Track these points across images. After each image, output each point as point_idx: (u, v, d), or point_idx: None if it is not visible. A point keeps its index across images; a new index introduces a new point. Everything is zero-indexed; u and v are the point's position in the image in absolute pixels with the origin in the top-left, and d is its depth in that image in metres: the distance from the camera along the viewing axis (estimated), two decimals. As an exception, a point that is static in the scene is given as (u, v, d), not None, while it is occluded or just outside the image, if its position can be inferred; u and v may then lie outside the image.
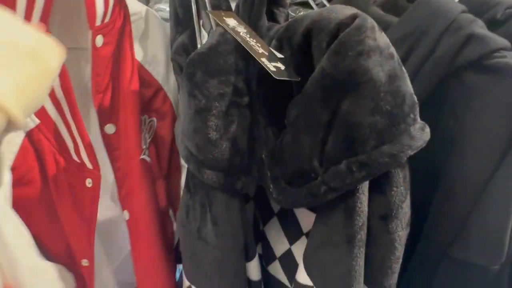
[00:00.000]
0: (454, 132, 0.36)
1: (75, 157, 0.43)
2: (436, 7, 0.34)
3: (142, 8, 0.48)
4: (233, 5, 0.46)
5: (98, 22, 0.40)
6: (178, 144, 0.36)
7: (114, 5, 0.41)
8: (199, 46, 0.38)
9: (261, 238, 0.51)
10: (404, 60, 0.36)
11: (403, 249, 0.33)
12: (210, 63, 0.32)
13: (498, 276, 0.37)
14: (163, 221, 0.51)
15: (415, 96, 0.30)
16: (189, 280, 0.44)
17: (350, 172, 0.29)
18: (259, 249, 0.52)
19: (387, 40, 0.30)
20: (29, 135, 0.39)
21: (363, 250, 0.32)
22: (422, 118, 0.32)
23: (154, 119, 0.49)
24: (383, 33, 0.30)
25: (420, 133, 0.28)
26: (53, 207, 0.44)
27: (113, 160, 0.47)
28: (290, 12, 0.63)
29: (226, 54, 0.33)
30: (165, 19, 0.71)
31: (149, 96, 0.49)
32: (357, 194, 0.31)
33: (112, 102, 0.45)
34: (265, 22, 0.40)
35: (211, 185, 0.34)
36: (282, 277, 0.49)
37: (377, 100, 0.28)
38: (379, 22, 0.38)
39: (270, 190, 0.35)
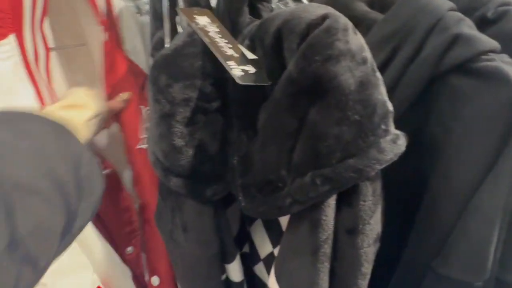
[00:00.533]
0: (439, 139, 0.33)
1: None
2: (423, 3, 0.31)
3: (117, 6, 0.47)
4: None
5: (103, 16, 0.40)
6: (148, 149, 0.35)
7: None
8: (166, 45, 0.37)
9: (248, 238, 0.50)
10: (389, 60, 0.34)
11: (370, 266, 0.31)
12: (174, 66, 0.31)
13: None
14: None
15: (389, 105, 0.27)
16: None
17: (314, 185, 0.27)
18: (246, 248, 0.51)
19: (362, 42, 0.28)
20: None
21: (327, 264, 0.31)
22: (405, 124, 0.30)
23: None
24: (358, 34, 0.28)
25: (391, 146, 0.26)
26: None
27: None
28: (280, 5, 0.61)
29: (192, 56, 0.31)
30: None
31: (141, 85, 0.49)
32: (322, 206, 0.29)
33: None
34: (245, 18, 0.38)
35: (179, 192, 0.33)
36: (267, 279, 0.49)
37: (345, 109, 0.26)
38: (363, 19, 0.35)
39: (240, 198, 0.33)
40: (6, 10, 0.37)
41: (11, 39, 0.38)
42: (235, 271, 0.45)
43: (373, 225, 0.30)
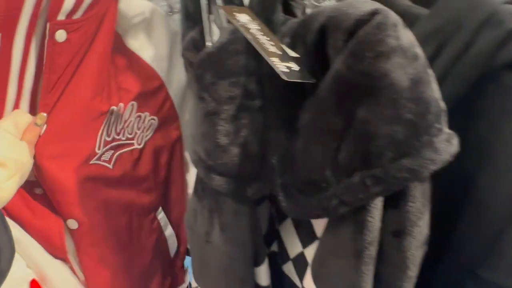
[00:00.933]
0: (488, 141, 0.32)
1: None
2: (470, -2, 0.30)
3: (147, 7, 0.47)
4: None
5: (61, 16, 0.38)
6: (187, 147, 0.35)
7: (91, 5, 0.39)
8: (207, 43, 0.37)
9: (277, 236, 0.50)
10: (434, 58, 0.32)
11: (417, 269, 0.30)
12: (219, 64, 0.31)
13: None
14: (142, 223, 0.50)
15: (442, 102, 0.27)
16: (196, 281, 0.44)
17: (363, 186, 0.26)
18: (275, 246, 0.51)
19: (412, 38, 0.27)
20: None
21: (372, 267, 0.30)
22: (451, 125, 0.29)
23: (156, 118, 0.48)
24: (408, 30, 0.27)
25: (445, 146, 0.25)
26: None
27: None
28: (313, 1, 0.60)
29: (236, 53, 0.31)
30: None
31: (152, 89, 0.49)
32: (369, 208, 0.28)
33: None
34: (279, 16, 0.37)
35: (220, 191, 0.33)
36: (296, 279, 0.48)
37: (397, 107, 0.25)
38: (405, 14, 0.34)
39: (280, 198, 0.33)
40: None
41: None
42: (263, 274, 0.45)
43: (422, 228, 0.29)
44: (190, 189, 0.51)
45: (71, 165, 0.43)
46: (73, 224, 0.45)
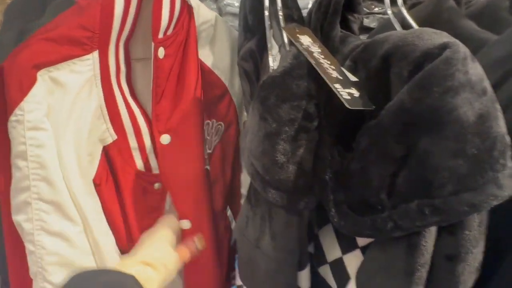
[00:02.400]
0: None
1: (140, 167, 0.48)
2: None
3: (212, 16, 0.49)
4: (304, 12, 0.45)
5: (160, 35, 0.42)
6: (244, 160, 0.37)
7: (178, 19, 0.43)
8: (270, 61, 0.38)
9: (314, 239, 0.52)
10: (500, 84, 0.33)
11: None
12: (283, 88, 0.32)
13: None
14: (219, 223, 0.54)
15: (507, 138, 0.27)
16: (242, 281, 0.47)
17: (421, 214, 0.28)
18: (311, 248, 0.53)
19: (481, 72, 0.27)
20: (106, 149, 0.45)
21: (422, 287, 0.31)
22: None
23: (222, 123, 0.51)
24: (476, 63, 0.28)
25: (509, 181, 0.26)
26: (124, 213, 0.49)
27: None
28: (365, 9, 0.60)
29: (299, 78, 0.32)
30: (234, 14, 0.71)
31: (217, 97, 0.51)
32: (424, 233, 0.30)
33: (173, 112, 0.47)
34: (338, 32, 0.38)
35: (274, 204, 0.36)
36: (332, 282, 0.50)
37: (463, 142, 0.26)
38: (472, 40, 0.34)
39: (332, 213, 0.35)
40: (94, 27, 0.41)
41: (94, 55, 0.42)
42: (305, 277, 0.47)
43: (476, 255, 0.30)
44: (244, 189, 0.53)
45: (194, 169, 0.48)
46: (186, 224, 0.49)
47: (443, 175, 0.27)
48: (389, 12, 0.42)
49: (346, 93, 0.31)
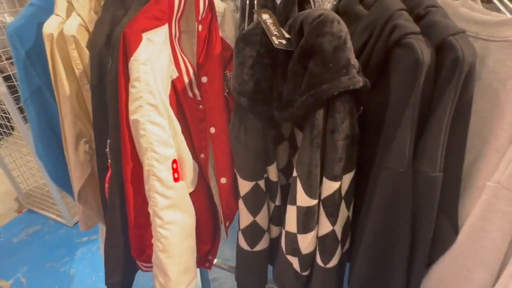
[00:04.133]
0: (388, 85, 0.57)
1: (190, 95, 0.78)
2: (385, 5, 0.55)
3: (223, 7, 0.79)
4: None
5: (199, 18, 0.73)
6: (231, 83, 0.67)
7: (206, 8, 0.73)
8: (245, 27, 0.68)
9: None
10: (368, 39, 0.59)
11: (343, 155, 0.57)
12: (247, 38, 0.61)
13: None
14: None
15: (351, 60, 0.53)
16: (236, 169, 0.74)
17: (307, 100, 0.55)
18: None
19: (341, 28, 0.54)
20: (173, 81, 0.74)
21: (318, 150, 0.58)
22: (374, 78, 0.55)
23: (229, 73, 0.80)
24: (340, 23, 0.54)
25: (347, 80, 0.52)
26: (185, 120, 0.77)
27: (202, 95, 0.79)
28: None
29: (256, 34, 0.61)
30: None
31: (228, 57, 0.80)
32: (316, 115, 0.57)
33: (206, 63, 0.76)
34: (295, 13, 0.67)
35: (244, 106, 0.64)
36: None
37: (325, 61, 0.53)
38: (358, 14, 0.61)
39: (276, 113, 0.63)
40: (166, 11, 0.72)
41: (166, 26, 0.74)
42: (272, 172, 0.74)
43: (344, 127, 0.56)
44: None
45: (220, 96, 0.77)
46: (212, 129, 0.77)
47: (317, 78, 0.54)
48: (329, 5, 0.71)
49: (278, 42, 0.59)
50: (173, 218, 0.70)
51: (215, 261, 1.21)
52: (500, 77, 0.52)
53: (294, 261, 0.71)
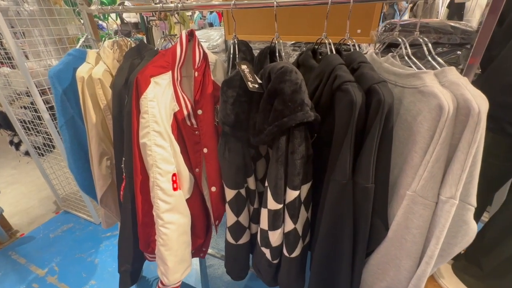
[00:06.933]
0: (333, 119, 0.59)
1: (188, 123, 0.79)
2: (329, 61, 0.58)
3: (215, 58, 0.82)
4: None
5: (196, 66, 0.74)
6: (218, 116, 0.68)
7: (201, 59, 0.75)
8: (229, 74, 0.70)
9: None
10: (318, 85, 0.61)
11: (301, 171, 0.58)
12: (229, 83, 0.63)
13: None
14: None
15: (304, 100, 0.55)
16: (223, 180, 0.74)
17: (273, 129, 0.56)
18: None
19: (297, 76, 0.56)
20: (175, 113, 0.75)
21: (282, 167, 0.59)
22: (323, 113, 0.57)
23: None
24: (296, 73, 0.56)
25: (301, 115, 0.54)
26: (184, 143, 0.77)
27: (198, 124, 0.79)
28: (289, 51, 0.91)
29: (237, 80, 0.63)
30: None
31: (218, 95, 0.81)
32: (280, 140, 0.58)
33: (201, 99, 0.76)
34: (267, 64, 0.69)
35: (227, 132, 0.65)
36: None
37: (286, 102, 0.55)
38: (312, 67, 0.64)
39: (251, 138, 0.64)
40: (170, 61, 0.74)
41: (169, 73, 0.75)
42: (251, 182, 0.75)
43: (301, 149, 0.57)
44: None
45: (211, 124, 0.76)
46: (205, 150, 0.76)
47: (281, 113, 0.55)
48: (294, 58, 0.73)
49: (252, 86, 0.61)
50: (171, 219, 0.69)
51: (210, 251, 1.19)
52: (412, 114, 0.54)
53: (267, 252, 0.71)
